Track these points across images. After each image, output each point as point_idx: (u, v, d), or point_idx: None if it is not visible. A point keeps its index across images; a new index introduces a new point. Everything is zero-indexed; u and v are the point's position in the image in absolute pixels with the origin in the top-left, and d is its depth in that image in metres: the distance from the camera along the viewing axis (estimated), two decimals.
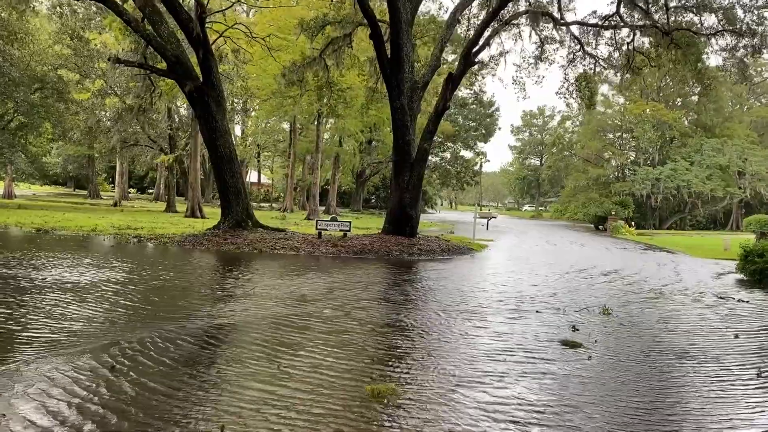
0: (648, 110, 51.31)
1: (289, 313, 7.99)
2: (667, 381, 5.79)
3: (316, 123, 38.91)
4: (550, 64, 31.03)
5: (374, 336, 6.98)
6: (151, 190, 70.85)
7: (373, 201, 68.02)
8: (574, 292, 11.31)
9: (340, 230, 19.06)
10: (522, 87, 50.13)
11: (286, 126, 53.17)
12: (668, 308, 9.98)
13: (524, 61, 24.27)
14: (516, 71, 32.86)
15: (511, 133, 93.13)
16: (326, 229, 19.09)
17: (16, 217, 22.06)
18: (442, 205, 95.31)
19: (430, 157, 54.39)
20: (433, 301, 9.52)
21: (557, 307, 9.44)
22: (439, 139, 57.85)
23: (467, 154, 71.37)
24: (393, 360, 6.01)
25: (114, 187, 52.90)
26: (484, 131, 66.32)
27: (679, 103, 58.16)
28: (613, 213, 39.49)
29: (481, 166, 53.59)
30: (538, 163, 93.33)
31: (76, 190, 66.96)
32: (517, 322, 8.20)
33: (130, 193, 60.08)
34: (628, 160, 58.88)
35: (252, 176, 70.77)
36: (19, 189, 51.49)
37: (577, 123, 72.88)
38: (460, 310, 8.78)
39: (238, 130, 59.87)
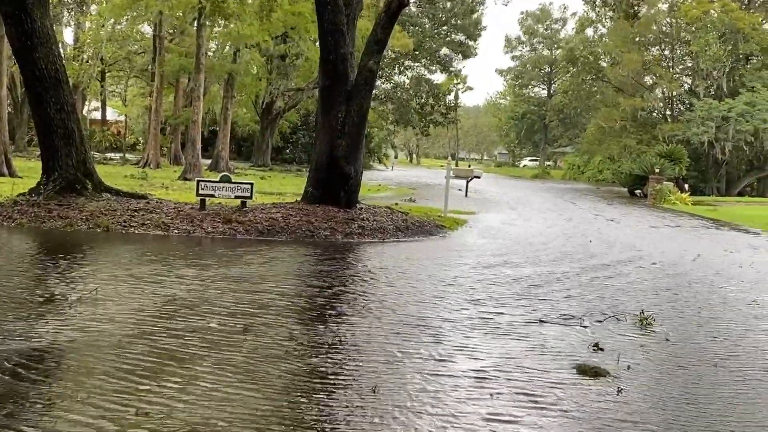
0: (713, 10, 52.17)
1: (154, 328, 7.87)
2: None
3: (196, 26, 38.09)
4: None
5: (287, 363, 6.94)
6: None
7: (288, 151, 67.68)
8: (599, 293, 11.56)
9: (236, 197, 18.88)
10: None
11: (147, 30, 51.93)
12: (739, 319, 10.32)
13: None
14: None
15: (504, 51, 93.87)
16: (213, 195, 18.87)
17: None
18: (397, 157, 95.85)
19: (378, 82, 54.20)
20: (381, 309, 9.54)
21: (571, 315, 9.62)
22: (392, 55, 57.77)
23: (437, 77, 71.50)
24: (318, 400, 6.00)
25: None
26: (462, 36, 66.31)
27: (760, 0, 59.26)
28: (657, 170, 39.81)
29: (457, 95, 53.61)
30: (544, 93, 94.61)
31: None
32: (509, 337, 8.31)
33: None
34: (682, 89, 60.13)
35: (93, 111, 69.15)
36: None
37: (604, 29, 73.83)
38: (423, 322, 8.83)
39: (69, 36, 58.14)
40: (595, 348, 8.02)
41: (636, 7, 58.93)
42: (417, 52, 61.21)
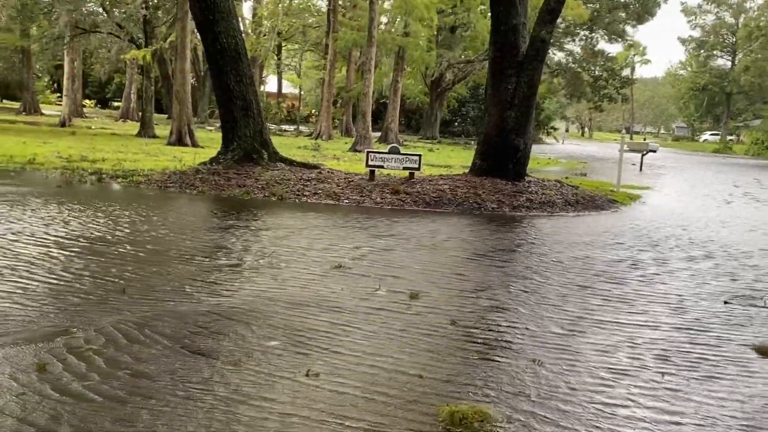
0: None
1: (323, 293, 8.14)
2: None
3: None
4: None
5: (455, 336, 7.01)
6: (117, 103, 72.52)
7: (456, 124, 67.68)
8: None
9: (404, 168, 19.07)
10: None
11: (321, 2, 53.05)
12: None
13: None
14: None
15: (683, 15, 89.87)
16: (382, 166, 19.13)
17: None
18: (568, 131, 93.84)
19: (549, 53, 52.98)
20: (554, 288, 9.49)
21: (754, 296, 9.24)
22: (564, 24, 56.29)
23: (611, 48, 69.02)
24: (484, 372, 6.04)
25: (61, 97, 54.20)
26: (638, 6, 63.75)
27: None
28: None
29: (633, 69, 51.67)
30: (728, 63, 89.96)
31: (4, 100, 69.21)
32: (685, 315, 8.09)
33: (85, 106, 61.62)
34: None
35: (269, 83, 71.33)
36: None
37: None
38: (591, 302, 8.73)
39: (247, 9, 60.15)
40: None
41: None
42: (592, 22, 59.22)
